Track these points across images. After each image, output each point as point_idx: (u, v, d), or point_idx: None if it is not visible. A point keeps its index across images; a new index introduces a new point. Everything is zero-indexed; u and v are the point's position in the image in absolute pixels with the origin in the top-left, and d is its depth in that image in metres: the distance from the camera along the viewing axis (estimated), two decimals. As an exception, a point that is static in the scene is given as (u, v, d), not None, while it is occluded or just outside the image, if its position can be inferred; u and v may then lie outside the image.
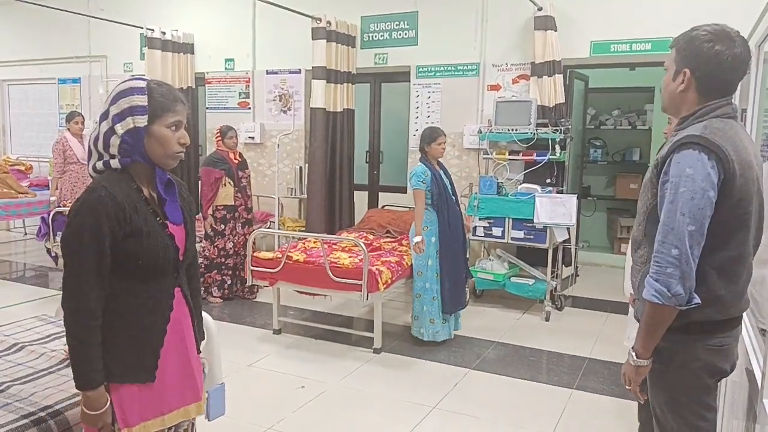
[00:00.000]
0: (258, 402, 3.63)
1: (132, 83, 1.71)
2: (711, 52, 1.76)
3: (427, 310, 4.46)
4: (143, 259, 1.70)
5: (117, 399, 1.72)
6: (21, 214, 7.38)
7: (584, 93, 6.76)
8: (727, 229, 1.75)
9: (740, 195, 1.73)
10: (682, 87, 1.83)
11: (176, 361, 1.83)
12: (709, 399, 1.88)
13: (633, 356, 1.86)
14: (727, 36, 1.78)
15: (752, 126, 2.85)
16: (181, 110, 1.75)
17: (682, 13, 5.02)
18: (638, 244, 1.97)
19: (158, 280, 1.77)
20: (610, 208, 7.86)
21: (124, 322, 1.72)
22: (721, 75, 1.79)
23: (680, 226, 1.69)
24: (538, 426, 3.41)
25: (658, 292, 1.72)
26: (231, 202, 5.49)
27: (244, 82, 7.33)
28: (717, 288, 1.78)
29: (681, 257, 1.69)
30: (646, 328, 1.81)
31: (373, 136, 6.98)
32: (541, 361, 4.41)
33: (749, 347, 2.25)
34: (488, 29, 6.00)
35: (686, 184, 1.69)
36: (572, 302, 5.80)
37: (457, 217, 4.55)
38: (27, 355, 2.60)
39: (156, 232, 1.73)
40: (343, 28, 6.30)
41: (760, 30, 2.68)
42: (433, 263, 4.43)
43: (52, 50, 8.65)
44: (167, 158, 1.75)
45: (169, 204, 1.80)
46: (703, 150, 1.70)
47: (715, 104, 1.81)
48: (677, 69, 1.85)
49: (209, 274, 5.54)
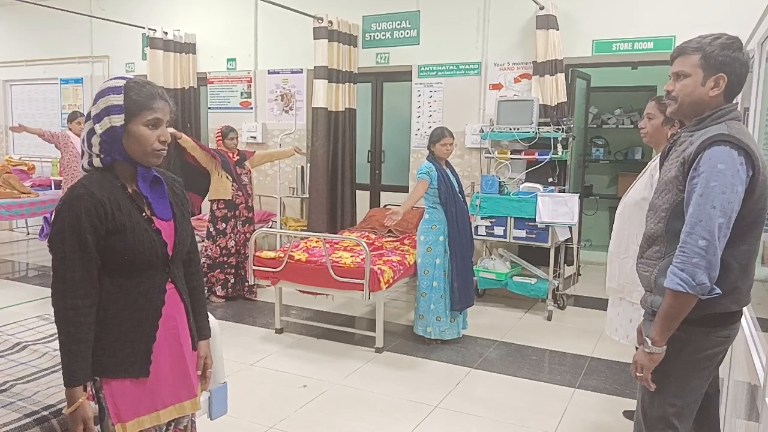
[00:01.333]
0: (260, 401, 3.64)
1: (110, 83, 1.74)
2: (743, 57, 1.87)
3: (434, 309, 4.47)
4: (129, 255, 1.72)
5: (110, 394, 1.74)
6: (24, 214, 7.38)
7: (586, 92, 6.75)
8: (746, 223, 1.83)
9: (761, 191, 1.82)
10: (717, 91, 1.89)
11: (170, 357, 1.84)
12: (701, 386, 1.98)
13: (648, 343, 1.91)
14: (743, 45, 1.90)
15: (755, 125, 2.84)
16: (161, 108, 1.75)
17: (684, 12, 5.02)
18: (653, 240, 2.00)
19: (148, 275, 1.78)
20: (612, 207, 7.84)
21: (115, 318, 1.74)
22: (743, 80, 1.90)
23: (710, 218, 1.75)
24: (540, 425, 3.41)
25: (683, 281, 1.77)
26: (228, 196, 5.49)
27: (246, 82, 7.33)
28: (736, 279, 1.86)
29: (708, 248, 1.75)
30: (666, 317, 1.86)
31: (375, 136, 6.98)
32: (543, 360, 4.41)
33: (751, 346, 2.25)
34: (490, 28, 6.00)
35: (718, 179, 1.75)
36: (574, 301, 5.80)
37: (465, 215, 4.59)
38: (30, 355, 2.61)
39: (140, 227, 1.75)
40: (345, 27, 6.30)
41: (763, 29, 2.68)
42: (441, 262, 4.45)
43: (54, 51, 8.67)
44: (147, 156, 1.76)
45: (155, 200, 1.81)
46: (733, 147, 1.77)
47: (730, 107, 1.90)
48: (706, 74, 1.89)
49: (212, 273, 5.55)
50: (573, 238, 5.54)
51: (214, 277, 5.57)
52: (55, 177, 8.18)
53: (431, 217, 4.48)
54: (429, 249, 4.46)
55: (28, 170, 8.52)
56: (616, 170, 7.90)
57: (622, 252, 3.06)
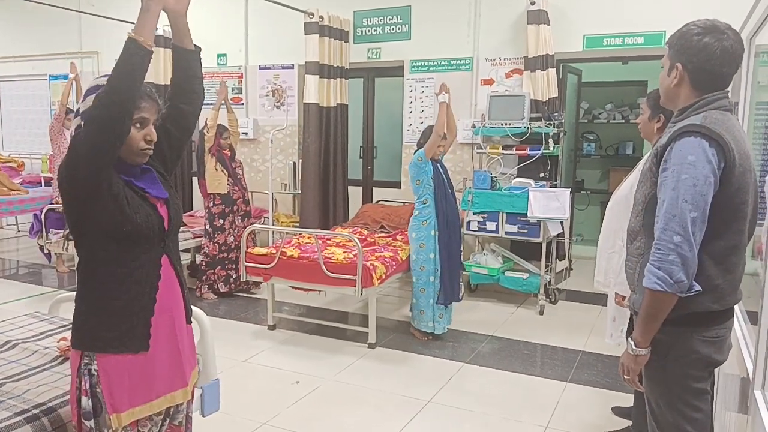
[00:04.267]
0: (253, 397, 3.63)
1: (98, 80, 1.74)
2: (700, 44, 1.79)
3: (433, 304, 4.51)
4: (127, 226, 1.72)
5: (106, 376, 1.74)
6: (13, 211, 7.34)
7: (577, 87, 6.76)
8: (724, 218, 1.76)
9: (738, 184, 1.75)
10: (675, 81, 1.86)
11: (165, 335, 1.84)
12: (704, 390, 1.89)
13: (632, 345, 1.88)
14: (717, 29, 1.80)
15: (744, 119, 2.86)
16: (147, 107, 1.76)
17: (675, 6, 5.04)
18: (635, 235, 1.98)
19: (144, 249, 1.79)
20: (603, 202, 7.86)
21: (113, 292, 1.75)
22: (711, 68, 1.80)
23: (683, 212, 1.70)
24: (532, 419, 3.42)
25: (660, 279, 1.72)
26: (224, 190, 5.49)
27: (236, 78, 7.30)
28: (714, 277, 1.79)
29: (683, 244, 1.70)
30: (646, 317, 1.81)
31: (367, 131, 6.97)
32: (535, 355, 4.43)
33: (741, 339, 2.27)
34: (481, 24, 5.99)
35: (688, 171, 1.70)
36: (566, 296, 5.83)
37: (454, 211, 4.63)
38: (20, 353, 2.59)
39: (136, 202, 1.76)
40: (336, 22, 6.28)
41: (752, 22, 2.69)
42: (435, 256, 4.47)
43: (43, 46, 8.58)
44: (133, 155, 1.77)
45: (148, 185, 1.82)
46: (704, 138, 1.71)
47: (712, 97, 1.83)
48: (671, 64, 1.87)
49: (212, 270, 5.54)
50: (564, 232, 5.56)
51: (214, 274, 5.55)
52: (45, 174, 8.12)
53: (421, 213, 4.49)
54: (422, 245, 4.48)
55: (18, 167, 8.46)
56: (607, 165, 7.93)
57: (609, 247, 3.09)
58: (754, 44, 2.73)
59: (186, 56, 1.93)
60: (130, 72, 1.62)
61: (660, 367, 1.89)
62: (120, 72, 1.62)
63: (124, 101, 1.61)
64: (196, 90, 1.96)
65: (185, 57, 1.93)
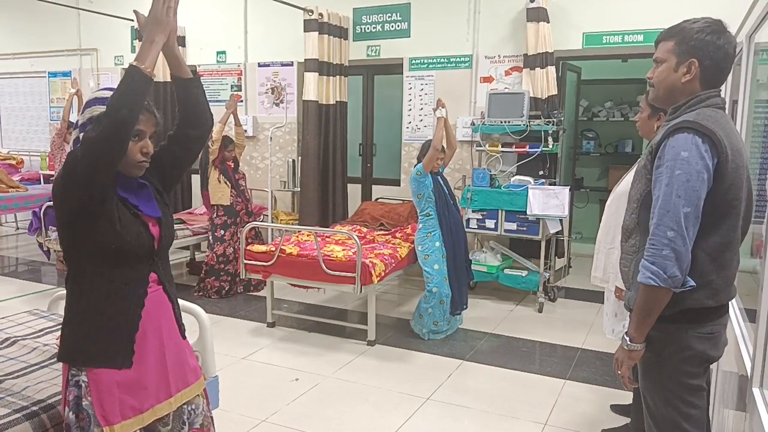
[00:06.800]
0: (252, 394, 3.64)
1: (98, 93, 1.75)
2: (718, 42, 1.81)
3: (432, 313, 4.52)
4: (116, 244, 1.72)
5: (96, 394, 1.73)
6: (12, 208, 7.33)
7: (577, 85, 6.76)
8: (718, 214, 1.77)
9: (731, 180, 1.76)
10: (689, 77, 1.86)
11: (153, 358, 1.83)
12: (699, 386, 1.90)
13: (626, 341, 1.89)
14: (725, 29, 1.84)
15: (743, 117, 2.86)
16: (144, 120, 1.76)
17: (674, 4, 5.02)
18: (630, 233, 1.98)
19: (131, 266, 1.79)
20: (602, 200, 7.86)
21: (97, 305, 1.75)
22: (723, 66, 1.84)
23: (676, 208, 1.71)
24: (531, 416, 3.43)
25: (654, 274, 1.74)
26: (227, 202, 5.48)
27: (236, 75, 7.29)
28: (708, 272, 1.80)
29: (677, 239, 1.71)
30: (641, 312, 1.83)
31: (366, 129, 6.97)
32: (534, 352, 4.43)
33: (738, 336, 2.27)
34: (481, 21, 5.99)
35: (682, 167, 1.71)
36: (565, 293, 5.83)
37: (458, 222, 4.68)
38: (19, 350, 2.59)
39: (128, 219, 1.76)
40: (335, 20, 6.27)
41: (751, 20, 2.69)
42: (440, 267, 4.48)
43: (42, 43, 8.57)
44: (129, 167, 1.77)
45: (142, 203, 1.83)
46: (697, 134, 1.73)
47: (705, 95, 1.85)
48: (679, 60, 1.86)
49: (208, 279, 5.53)
50: (564, 230, 5.57)
51: (209, 283, 5.54)
52: (44, 171, 8.12)
53: (425, 225, 4.53)
54: (426, 256, 4.51)
55: (17, 164, 8.45)
56: (607, 163, 7.92)
57: (608, 242, 3.10)
58: (753, 42, 2.72)
59: (185, 85, 1.93)
60: (131, 97, 1.63)
61: (655, 363, 1.90)
62: (121, 97, 1.63)
63: (123, 125, 1.62)
64: (201, 117, 1.97)
65: (184, 86, 1.94)
